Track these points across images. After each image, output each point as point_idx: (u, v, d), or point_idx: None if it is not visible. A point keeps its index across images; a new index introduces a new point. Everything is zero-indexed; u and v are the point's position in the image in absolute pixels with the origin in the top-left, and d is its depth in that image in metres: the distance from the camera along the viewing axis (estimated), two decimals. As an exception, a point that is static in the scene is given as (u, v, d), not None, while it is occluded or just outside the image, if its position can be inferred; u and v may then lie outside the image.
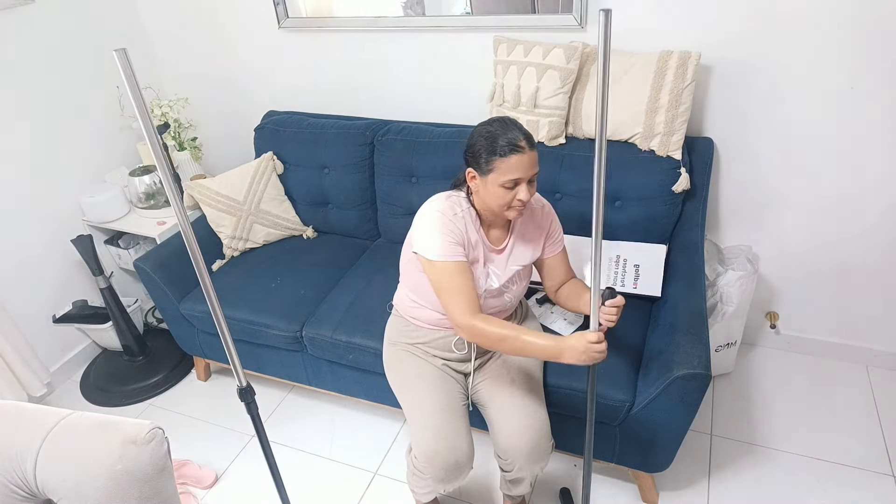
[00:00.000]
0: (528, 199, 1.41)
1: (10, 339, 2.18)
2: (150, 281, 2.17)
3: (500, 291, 1.56)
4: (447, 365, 1.65)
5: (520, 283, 1.61)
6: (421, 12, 2.19)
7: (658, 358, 1.62)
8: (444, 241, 1.44)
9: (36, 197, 2.33)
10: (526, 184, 1.40)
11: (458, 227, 1.47)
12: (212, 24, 2.54)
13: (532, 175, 1.40)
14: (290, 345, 2.04)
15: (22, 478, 1.15)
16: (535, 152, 1.39)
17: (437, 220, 1.46)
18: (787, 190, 2.04)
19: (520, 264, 1.57)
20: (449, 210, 1.48)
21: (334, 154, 2.31)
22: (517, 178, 1.38)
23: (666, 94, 1.83)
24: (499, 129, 1.38)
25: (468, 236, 1.49)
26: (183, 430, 2.24)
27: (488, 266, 1.53)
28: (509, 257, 1.55)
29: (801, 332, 2.31)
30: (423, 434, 1.49)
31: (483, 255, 1.52)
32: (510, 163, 1.36)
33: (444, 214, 1.47)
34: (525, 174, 1.38)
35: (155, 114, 2.44)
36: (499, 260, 1.55)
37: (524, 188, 1.39)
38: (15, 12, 2.16)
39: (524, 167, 1.37)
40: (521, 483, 1.66)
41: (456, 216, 1.48)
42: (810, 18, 1.77)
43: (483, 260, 1.52)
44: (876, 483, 1.84)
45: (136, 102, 0.99)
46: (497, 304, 1.59)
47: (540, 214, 1.59)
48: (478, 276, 1.51)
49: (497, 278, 1.54)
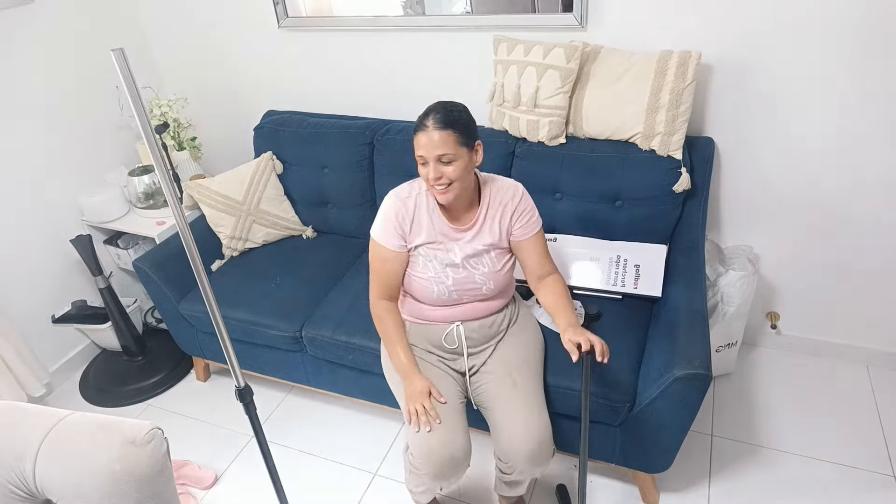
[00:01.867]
0: (436, 177, 1.45)
1: (9, 340, 2.17)
2: (150, 281, 2.17)
3: (465, 266, 1.58)
4: (443, 362, 1.65)
5: (492, 265, 1.60)
6: (421, 11, 2.19)
7: (658, 358, 1.61)
8: (386, 225, 1.57)
9: (35, 197, 2.33)
10: (433, 163, 1.44)
11: (401, 211, 1.56)
12: (211, 23, 2.53)
13: (439, 155, 1.43)
14: (289, 345, 2.03)
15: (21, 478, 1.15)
16: (444, 132, 1.42)
17: (387, 204, 1.59)
18: (787, 190, 2.04)
19: (486, 243, 1.58)
20: (404, 192, 1.58)
21: (334, 154, 2.31)
22: (422, 156, 1.45)
23: (666, 94, 1.83)
24: (425, 110, 1.46)
25: (415, 218, 1.57)
26: (182, 431, 2.24)
27: (449, 242, 1.58)
28: (476, 236, 1.58)
29: (801, 332, 2.31)
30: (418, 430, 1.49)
31: (441, 232, 1.58)
32: (418, 140, 1.45)
33: (398, 197, 1.58)
34: (427, 153, 1.44)
35: (154, 113, 2.43)
36: (464, 238, 1.58)
37: (432, 166, 1.45)
38: (15, 12, 2.16)
39: (428, 146, 1.43)
40: (519, 485, 1.66)
41: (408, 198, 1.57)
42: (811, 18, 1.77)
43: (440, 236, 1.58)
44: (876, 483, 1.84)
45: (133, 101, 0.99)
46: (467, 282, 1.59)
47: (507, 195, 1.60)
48: (437, 252, 1.58)
49: (459, 253, 1.58)
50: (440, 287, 1.59)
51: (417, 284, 1.61)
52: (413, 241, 1.58)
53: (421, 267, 1.59)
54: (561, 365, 1.70)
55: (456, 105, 1.48)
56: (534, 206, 1.63)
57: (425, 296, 1.62)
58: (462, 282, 1.59)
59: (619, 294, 1.91)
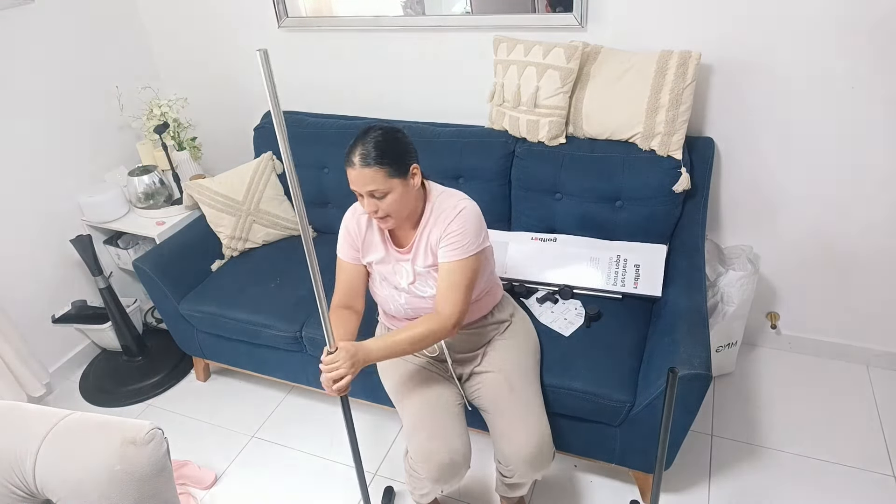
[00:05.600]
0: (372, 211, 1.43)
1: (9, 340, 2.17)
2: (150, 281, 2.17)
3: (410, 291, 1.56)
4: (434, 367, 1.65)
5: None
6: (421, 11, 2.19)
7: (658, 358, 1.61)
8: (342, 238, 1.59)
9: (35, 197, 2.33)
10: (367, 197, 1.41)
11: (354, 226, 1.57)
12: (211, 23, 2.53)
13: (369, 189, 1.39)
14: (289, 345, 2.03)
15: (21, 478, 1.15)
16: (369, 169, 1.36)
17: (345, 218, 1.60)
18: (787, 189, 2.04)
19: (424, 266, 1.53)
20: (360, 207, 1.54)
21: (334, 154, 2.30)
22: (355, 190, 1.42)
23: (666, 94, 1.83)
24: (354, 140, 1.41)
25: (366, 235, 1.57)
26: (182, 431, 2.24)
27: (397, 264, 1.56)
28: (416, 258, 1.54)
29: (801, 332, 2.31)
30: (417, 434, 1.49)
31: (389, 254, 1.56)
32: (350, 174, 1.41)
33: (353, 211, 1.59)
34: (359, 188, 1.41)
35: (154, 113, 2.43)
36: (405, 260, 1.55)
37: (366, 200, 1.42)
38: (15, 12, 2.16)
39: (356, 182, 1.40)
40: (520, 487, 1.65)
41: (362, 214, 1.56)
42: (811, 18, 1.76)
43: (389, 258, 1.56)
44: (876, 483, 1.84)
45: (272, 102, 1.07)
46: (417, 303, 1.57)
47: (443, 216, 1.48)
48: (386, 273, 1.57)
49: (404, 277, 1.56)
50: (395, 305, 1.60)
51: (380, 298, 1.64)
52: (365, 257, 1.58)
53: (378, 284, 1.61)
54: (561, 365, 1.71)
55: (385, 134, 1.40)
56: (470, 231, 1.45)
57: (388, 309, 1.64)
58: (413, 302, 1.58)
59: (619, 294, 1.91)
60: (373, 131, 1.41)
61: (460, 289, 1.46)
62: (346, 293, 1.61)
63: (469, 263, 1.46)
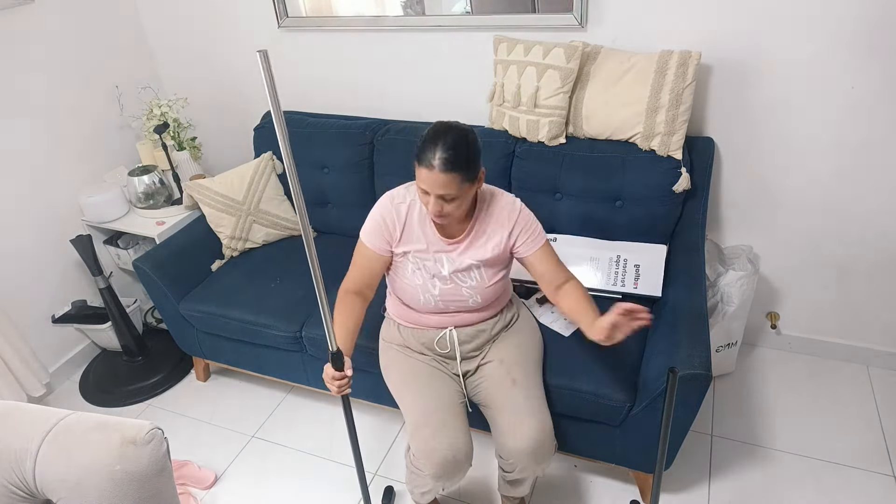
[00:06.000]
0: (435, 213, 1.43)
1: (9, 340, 2.17)
2: (150, 281, 2.17)
3: (451, 280, 1.56)
4: (439, 364, 1.66)
5: (480, 280, 1.58)
6: (421, 11, 2.19)
7: (658, 358, 1.61)
8: (371, 225, 1.56)
9: (35, 197, 2.33)
10: (434, 198, 1.40)
11: (392, 215, 1.54)
12: (211, 23, 2.53)
13: (440, 193, 1.38)
14: (289, 345, 2.03)
15: (21, 478, 1.15)
16: (447, 175, 1.35)
17: (379, 205, 1.57)
18: (787, 189, 2.04)
19: (476, 259, 1.55)
20: (399, 197, 1.56)
21: (334, 154, 2.31)
22: (426, 189, 1.41)
23: (666, 94, 1.83)
24: (433, 138, 1.38)
25: (406, 224, 1.55)
26: (182, 431, 2.24)
27: (439, 254, 1.55)
28: (465, 251, 1.55)
29: (801, 332, 2.31)
30: (420, 431, 1.49)
31: (431, 243, 1.55)
32: (421, 173, 1.40)
33: (392, 200, 1.56)
34: (431, 189, 1.39)
35: (154, 113, 2.43)
36: (452, 251, 1.56)
37: (433, 201, 1.41)
38: (15, 12, 2.16)
39: (430, 183, 1.38)
40: (522, 484, 1.65)
41: (402, 203, 1.55)
42: (811, 18, 1.77)
43: (431, 247, 1.55)
44: (876, 483, 1.84)
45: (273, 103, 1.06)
46: (453, 294, 1.58)
47: (504, 214, 1.55)
48: (426, 262, 1.56)
49: (448, 266, 1.55)
50: (426, 296, 1.58)
51: (406, 290, 1.61)
52: (402, 247, 1.56)
53: (410, 274, 1.58)
54: (561, 365, 1.71)
55: (464, 138, 1.39)
56: (534, 218, 1.58)
57: (413, 301, 1.62)
58: (448, 293, 1.58)
59: (619, 294, 1.91)
60: (451, 133, 1.38)
61: (559, 263, 1.59)
62: (361, 279, 1.60)
63: (548, 244, 1.59)
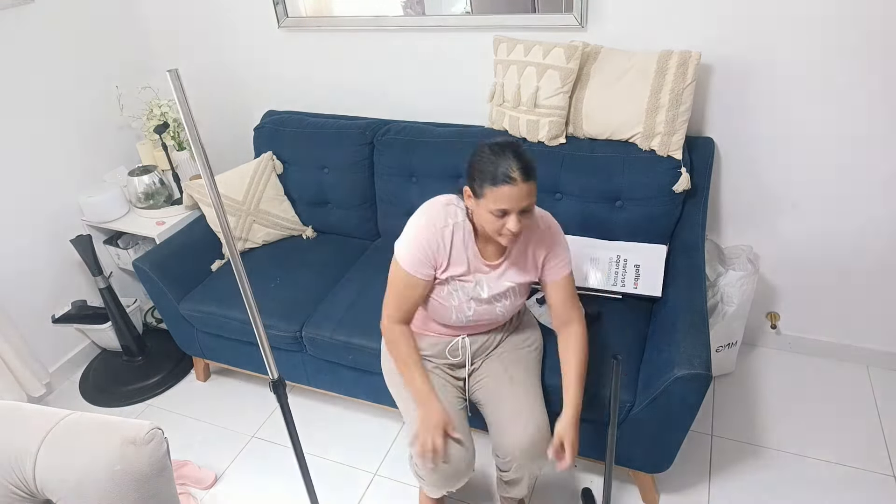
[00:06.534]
0: (518, 230, 1.37)
1: (9, 340, 2.17)
2: (150, 281, 2.17)
3: (490, 301, 1.54)
4: (443, 370, 1.65)
5: (514, 298, 1.57)
6: (421, 12, 2.19)
7: (658, 358, 1.61)
8: (415, 254, 1.47)
9: (35, 197, 2.33)
10: (516, 214, 1.35)
11: (437, 241, 1.47)
12: (211, 23, 2.53)
13: (523, 206, 1.34)
14: (289, 345, 2.03)
15: (21, 478, 1.15)
16: (529, 184, 1.33)
17: (421, 230, 1.48)
18: (787, 189, 2.04)
19: (514, 281, 1.53)
20: (440, 220, 1.47)
21: (334, 154, 2.31)
22: (505, 209, 1.34)
23: (666, 94, 1.83)
24: (498, 156, 1.33)
25: (451, 250, 1.48)
26: (182, 431, 2.24)
27: (479, 276, 1.52)
28: (504, 273, 1.53)
29: (801, 332, 2.30)
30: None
31: (473, 266, 1.51)
32: (500, 193, 1.32)
33: (433, 225, 1.47)
34: (514, 206, 1.34)
35: (154, 113, 2.43)
36: (492, 274, 1.53)
37: (513, 219, 1.35)
38: (14, 12, 2.16)
39: (514, 199, 1.32)
40: (519, 484, 1.64)
41: (445, 227, 1.47)
42: (811, 18, 1.76)
43: (472, 270, 1.51)
44: (876, 483, 1.84)
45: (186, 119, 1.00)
46: (487, 314, 1.56)
47: (544, 235, 1.53)
48: (467, 285, 1.51)
49: (487, 289, 1.52)
50: (459, 315, 1.55)
51: (437, 309, 1.57)
52: (447, 272, 1.50)
53: (446, 294, 1.53)
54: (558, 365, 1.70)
55: (517, 145, 1.37)
56: (567, 244, 1.55)
57: (443, 319, 1.58)
58: (482, 313, 1.56)
59: (619, 294, 1.91)
60: (508, 145, 1.35)
61: (574, 298, 1.56)
62: (407, 307, 1.54)
63: (571, 275, 1.56)
